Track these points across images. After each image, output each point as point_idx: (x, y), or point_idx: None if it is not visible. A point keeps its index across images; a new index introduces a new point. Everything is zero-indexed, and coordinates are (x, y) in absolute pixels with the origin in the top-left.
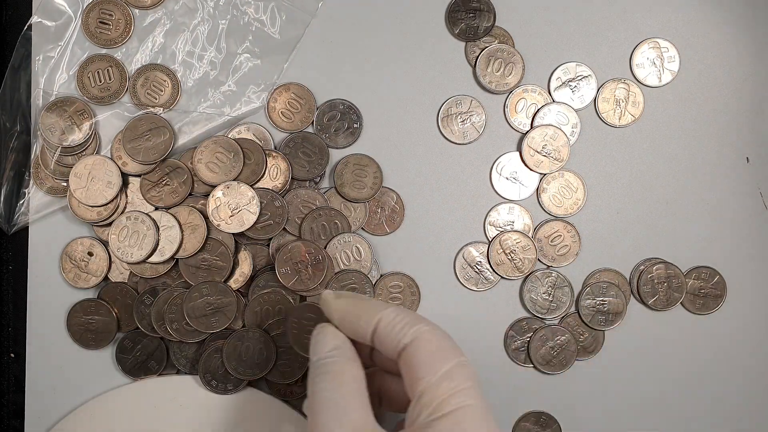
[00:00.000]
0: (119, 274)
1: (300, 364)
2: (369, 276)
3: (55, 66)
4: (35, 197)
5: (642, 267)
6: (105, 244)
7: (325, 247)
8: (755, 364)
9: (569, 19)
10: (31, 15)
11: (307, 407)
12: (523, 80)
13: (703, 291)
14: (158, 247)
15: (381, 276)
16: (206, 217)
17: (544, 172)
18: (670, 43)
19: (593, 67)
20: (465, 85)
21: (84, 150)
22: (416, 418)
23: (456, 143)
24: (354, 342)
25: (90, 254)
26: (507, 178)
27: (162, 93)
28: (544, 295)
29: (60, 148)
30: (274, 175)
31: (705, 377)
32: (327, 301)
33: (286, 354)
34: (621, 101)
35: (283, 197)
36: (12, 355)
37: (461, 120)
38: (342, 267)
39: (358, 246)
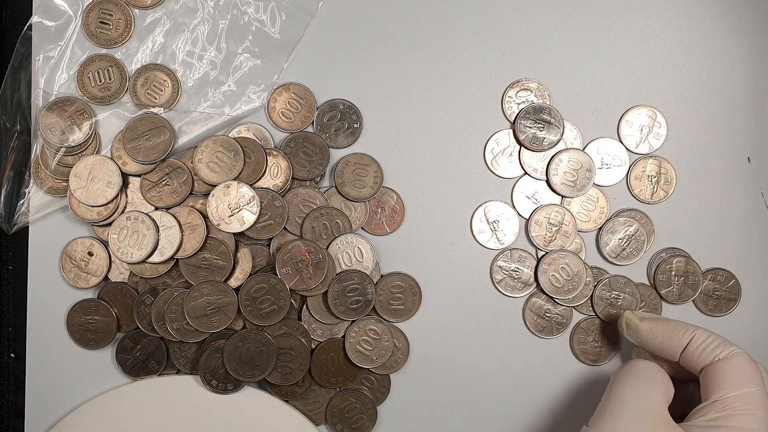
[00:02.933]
0: (119, 274)
1: (300, 366)
2: (371, 276)
3: (55, 66)
4: (35, 197)
5: (663, 254)
6: (105, 244)
7: (327, 248)
8: None
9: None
10: (31, 15)
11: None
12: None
13: (717, 293)
14: (158, 247)
15: (382, 276)
16: (206, 217)
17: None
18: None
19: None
20: (463, 83)
21: (84, 150)
22: (701, 416)
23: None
24: None
25: (90, 254)
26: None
27: (162, 93)
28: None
29: (63, 149)
30: (275, 173)
31: None
32: (634, 323)
33: (287, 355)
34: None
35: (283, 196)
36: (12, 355)
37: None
38: (343, 267)
39: (360, 247)
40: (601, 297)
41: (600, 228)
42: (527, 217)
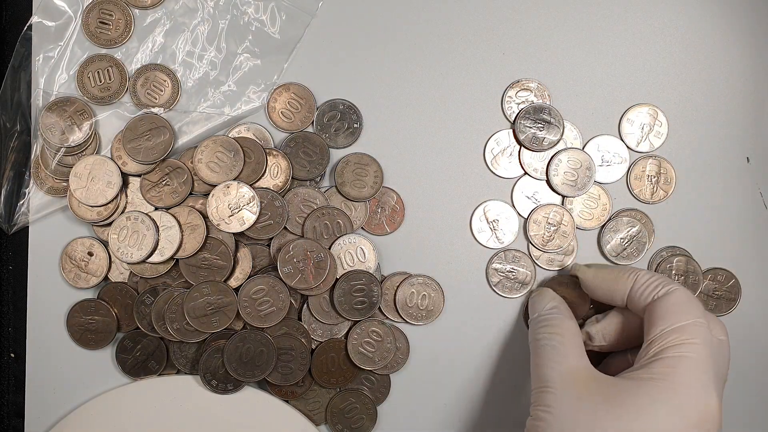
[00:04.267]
0: (119, 274)
1: (300, 366)
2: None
3: (55, 66)
4: (35, 197)
5: (663, 253)
6: (105, 244)
7: (330, 248)
8: (756, 374)
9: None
10: (31, 15)
11: (531, 356)
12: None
13: (717, 293)
14: (158, 247)
15: (384, 277)
16: (206, 217)
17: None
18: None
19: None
20: (463, 83)
21: (84, 150)
22: (641, 359)
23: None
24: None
25: (90, 254)
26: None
27: (162, 93)
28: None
29: (63, 150)
30: (275, 173)
31: None
32: (581, 271)
33: (287, 355)
34: None
35: (283, 196)
36: (12, 355)
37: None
38: (345, 268)
39: (362, 247)
40: None
41: (602, 226)
42: (526, 216)
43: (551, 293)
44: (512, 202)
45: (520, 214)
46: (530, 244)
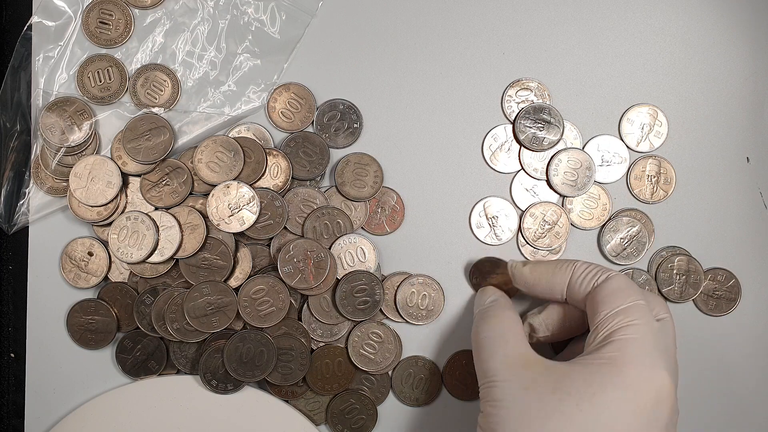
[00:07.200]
0: (119, 274)
1: (300, 366)
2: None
3: (55, 66)
4: (35, 197)
5: (664, 253)
6: (105, 244)
7: (330, 247)
8: (756, 374)
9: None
10: (31, 15)
11: (473, 352)
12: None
13: (717, 293)
14: (158, 247)
15: (384, 277)
16: (206, 217)
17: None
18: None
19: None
20: (463, 82)
21: (84, 150)
22: (589, 345)
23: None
24: None
25: (90, 254)
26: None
27: (162, 93)
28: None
29: (63, 149)
30: (275, 173)
31: (706, 379)
32: (518, 268)
33: (287, 355)
34: None
35: (283, 196)
36: (12, 355)
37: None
38: (346, 268)
39: (363, 247)
40: None
41: (602, 226)
42: (524, 208)
43: (491, 289)
44: (511, 194)
45: (517, 206)
46: (520, 234)
